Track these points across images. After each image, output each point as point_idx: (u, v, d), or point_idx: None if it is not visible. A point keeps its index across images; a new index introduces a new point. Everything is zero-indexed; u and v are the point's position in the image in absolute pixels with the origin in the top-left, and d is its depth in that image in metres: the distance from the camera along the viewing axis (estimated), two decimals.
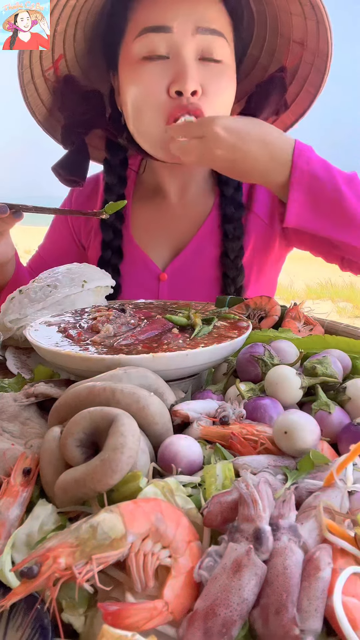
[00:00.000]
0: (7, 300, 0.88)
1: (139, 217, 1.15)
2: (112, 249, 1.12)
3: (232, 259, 1.08)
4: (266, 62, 1.07)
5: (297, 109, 1.09)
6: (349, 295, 6.14)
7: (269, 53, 1.05)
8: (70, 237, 1.22)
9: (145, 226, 1.14)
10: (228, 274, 1.09)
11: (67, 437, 0.45)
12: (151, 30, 0.91)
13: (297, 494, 0.43)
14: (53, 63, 1.01)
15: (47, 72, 1.01)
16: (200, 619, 0.34)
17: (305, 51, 0.99)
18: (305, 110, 1.09)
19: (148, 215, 1.15)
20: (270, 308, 0.81)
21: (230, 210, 1.09)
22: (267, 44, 1.04)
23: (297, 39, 0.98)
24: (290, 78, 1.04)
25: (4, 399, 0.58)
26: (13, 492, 0.45)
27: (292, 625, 0.33)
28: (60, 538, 0.37)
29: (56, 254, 1.21)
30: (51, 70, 1.02)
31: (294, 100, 1.07)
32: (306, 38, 0.97)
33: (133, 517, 0.37)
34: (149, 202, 1.15)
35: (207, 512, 0.41)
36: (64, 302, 0.85)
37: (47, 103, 1.06)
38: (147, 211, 1.15)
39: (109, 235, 1.12)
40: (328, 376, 0.59)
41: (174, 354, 0.57)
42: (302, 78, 1.03)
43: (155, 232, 1.14)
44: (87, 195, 1.20)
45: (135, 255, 1.13)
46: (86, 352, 0.58)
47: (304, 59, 1.00)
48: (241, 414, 0.54)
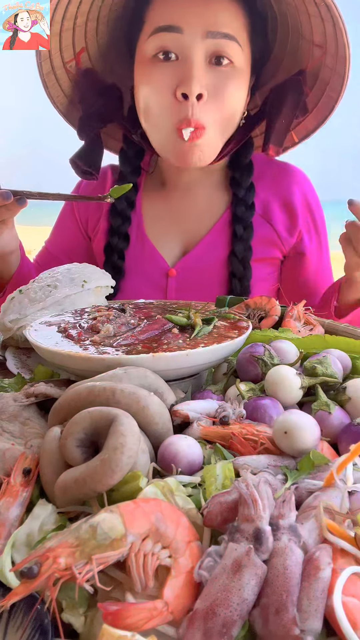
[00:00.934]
0: (7, 300, 0.88)
1: (150, 211, 1.15)
2: (119, 235, 1.12)
3: (240, 259, 1.09)
4: (289, 65, 1.06)
5: (319, 114, 1.09)
6: None
7: (292, 55, 1.05)
8: (77, 229, 1.22)
9: (157, 221, 1.15)
10: (235, 273, 1.09)
11: (67, 437, 0.45)
12: (163, 30, 0.92)
13: (297, 494, 0.43)
14: (75, 55, 1.03)
15: (69, 64, 1.03)
16: (200, 619, 0.34)
17: (325, 55, 0.98)
18: (327, 115, 1.08)
19: (159, 210, 1.15)
20: (270, 308, 0.81)
21: (240, 210, 1.10)
22: (289, 46, 1.04)
23: (318, 42, 0.97)
24: (311, 82, 1.03)
25: (4, 399, 0.58)
26: (13, 492, 0.45)
27: (292, 625, 0.33)
28: (60, 538, 0.37)
29: (64, 248, 1.21)
30: (73, 62, 1.04)
31: (316, 104, 1.06)
32: (325, 41, 0.96)
33: (133, 517, 0.37)
34: (159, 195, 1.16)
35: (207, 512, 0.41)
36: (64, 302, 0.85)
37: (67, 93, 1.09)
38: (157, 205, 1.15)
39: (118, 221, 1.12)
40: (328, 376, 0.59)
41: (174, 354, 0.57)
42: (324, 82, 1.03)
43: (167, 227, 1.14)
44: (94, 187, 1.20)
45: (145, 249, 1.13)
46: (86, 352, 0.58)
47: (325, 62, 0.99)
48: (241, 414, 0.54)
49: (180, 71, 0.91)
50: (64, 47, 1.01)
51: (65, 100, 1.10)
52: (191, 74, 0.90)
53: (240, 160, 1.11)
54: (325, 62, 0.99)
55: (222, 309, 0.79)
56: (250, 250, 1.10)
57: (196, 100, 0.91)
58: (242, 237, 1.09)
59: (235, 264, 1.09)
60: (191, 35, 0.90)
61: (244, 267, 1.09)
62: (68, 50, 1.02)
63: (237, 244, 1.09)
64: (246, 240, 1.09)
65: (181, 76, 0.91)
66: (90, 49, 1.05)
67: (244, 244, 1.09)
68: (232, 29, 0.92)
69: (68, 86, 1.08)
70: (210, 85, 0.92)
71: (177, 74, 0.92)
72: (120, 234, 1.12)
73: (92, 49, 1.05)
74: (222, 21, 0.91)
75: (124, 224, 1.12)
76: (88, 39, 1.03)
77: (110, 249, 1.13)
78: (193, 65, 0.90)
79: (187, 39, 0.90)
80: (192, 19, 0.90)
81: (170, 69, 0.92)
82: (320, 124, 1.10)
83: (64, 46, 1.01)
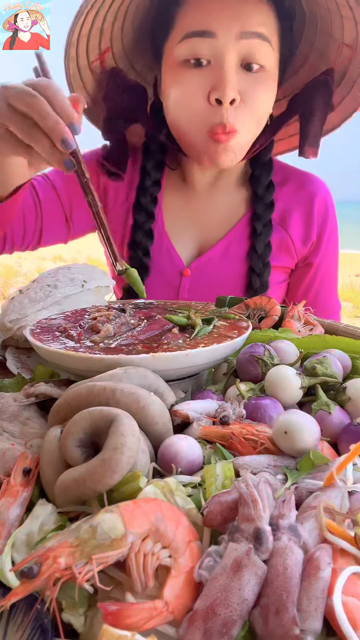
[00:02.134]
0: (7, 300, 0.88)
1: (169, 207, 1.14)
2: (143, 232, 1.11)
3: (260, 254, 1.09)
4: (315, 62, 1.06)
5: (343, 111, 1.08)
6: (349, 295, 6.14)
7: (319, 53, 1.04)
8: (57, 198, 1.13)
9: (176, 217, 1.14)
10: (255, 269, 1.09)
11: (67, 437, 0.45)
12: (195, 35, 0.90)
13: (297, 494, 0.43)
14: (99, 55, 1.01)
15: (94, 64, 1.02)
16: (200, 618, 0.34)
17: (355, 54, 0.97)
18: (351, 112, 1.07)
19: (178, 206, 1.14)
20: (270, 308, 0.81)
21: (261, 208, 1.10)
22: (317, 44, 1.03)
23: (349, 42, 0.96)
24: (338, 79, 1.03)
25: (4, 399, 0.58)
26: (13, 492, 0.45)
27: (292, 625, 0.33)
28: (60, 538, 0.37)
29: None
30: (97, 62, 1.02)
31: (340, 101, 1.06)
32: (357, 42, 0.95)
33: (133, 517, 0.37)
34: (179, 192, 1.15)
35: (207, 512, 0.41)
36: (64, 302, 0.85)
37: (91, 93, 1.07)
38: (177, 202, 1.15)
39: (142, 217, 1.11)
40: (328, 376, 0.59)
41: (174, 354, 0.57)
42: (351, 80, 1.02)
43: (185, 225, 1.14)
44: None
45: (162, 245, 1.12)
46: (86, 352, 0.58)
47: (355, 61, 0.98)
48: (241, 414, 0.54)
49: (213, 76, 0.91)
50: (90, 48, 0.99)
51: (89, 101, 1.09)
52: (225, 80, 0.89)
53: (260, 158, 1.11)
54: (354, 60, 0.98)
55: (222, 309, 0.79)
56: (270, 248, 1.10)
57: (229, 104, 0.91)
58: (262, 233, 1.09)
59: (255, 259, 1.09)
60: (225, 39, 0.89)
61: (263, 264, 1.09)
62: (94, 50, 1.01)
63: (257, 239, 1.09)
64: (265, 237, 1.09)
65: (214, 81, 0.90)
66: (114, 47, 1.03)
67: (263, 240, 1.09)
68: (265, 29, 0.91)
69: (92, 87, 1.07)
70: (242, 89, 0.92)
71: (210, 79, 0.91)
72: (144, 231, 1.11)
73: (116, 47, 1.04)
74: (256, 21, 0.90)
75: (148, 220, 1.11)
76: (113, 38, 1.01)
77: (135, 245, 1.11)
78: (227, 71, 0.89)
79: (221, 43, 0.89)
80: (226, 22, 0.88)
81: (202, 75, 0.91)
82: (343, 121, 1.09)
83: (91, 47, 0.99)
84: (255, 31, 0.90)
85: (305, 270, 1.16)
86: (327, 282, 1.18)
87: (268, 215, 1.09)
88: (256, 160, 1.11)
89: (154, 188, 1.12)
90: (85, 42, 0.98)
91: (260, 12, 0.91)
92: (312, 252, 1.14)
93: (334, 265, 1.20)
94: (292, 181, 1.14)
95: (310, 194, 1.13)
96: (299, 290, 1.16)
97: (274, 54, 0.94)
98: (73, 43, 0.95)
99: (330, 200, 1.15)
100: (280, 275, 1.15)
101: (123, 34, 1.02)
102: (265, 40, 0.91)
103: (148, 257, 1.11)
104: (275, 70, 0.96)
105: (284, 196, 1.12)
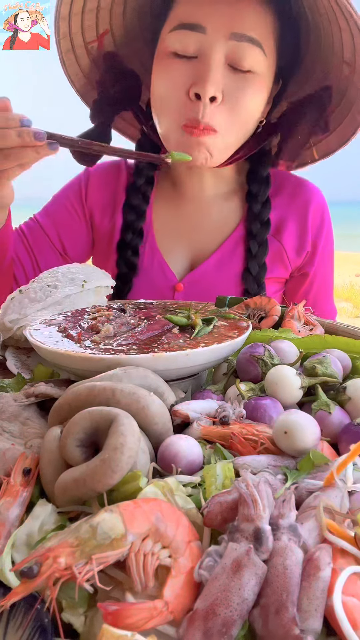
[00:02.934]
0: (7, 300, 0.88)
1: (160, 220, 1.13)
2: (133, 231, 1.10)
3: (254, 276, 1.07)
4: (320, 78, 1.02)
5: (342, 134, 1.05)
6: (349, 295, 6.15)
7: (322, 69, 1.01)
8: (82, 212, 1.16)
9: (167, 230, 1.12)
10: (249, 291, 1.07)
11: (67, 437, 0.45)
12: (185, 27, 0.89)
13: (297, 494, 0.43)
14: (97, 37, 1.01)
15: (91, 45, 1.02)
16: (200, 618, 0.34)
17: (354, 73, 0.94)
18: (350, 137, 1.04)
19: (170, 220, 1.13)
20: (270, 308, 0.81)
21: (256, 227, 1.08)
22: (321, 57, 1.00)
23: (347, 59, 0.93)
24: (338, 99, 1.00)
25: (4, 399, 0.58)
26: (13, 492, 0.45)
27: (292, 625, 0.33)
28: (60, 538, 0.37)
29: (59, 225, 1.15)
30: (95, 43, 1.02)
31: (340, 123, 1.03)
32: (354, 59, 0.92)
33: (133, 517, 0.37)
34: (170, 203, 1.13)
35: (207, 512, 0.41)
36: (64, 302, 0.85)
37: (86, 72, 1.07)
38: (168, 215, 1.13)
39: (132, 216, 1.10)
40: (328, 376, 0.59)
41: (174, 354, 0.57)
42: (350, 102, 0.99)
43: (177, 238, 1.12)
44: (104, 178, 1.17)
45: (154, 259, 1.11)
46: (86, 352, 0.58)
47: (353, 81, 0.96)
48: (241, 414, 0.54)
49: (197, 70, 0.89)
50: (86, 27, 0.98)
51: (83, 80, 1.08)
52: (207, 75, 0.87)
53: (258, 173, 1.09)
54: (353, 80, 0.96)
55: (222, 309, 0.79)
56: (265, 268, 1.08)
57: (209, 102, 0.89)
58: (257, 254, 1.07)
59: (249, 281, 1.07)
60: (214, 36, 0.87)
61: (258, 285, 1.07)
62: (90, 30, 0.99)
63: (251, 261, 1.07)
64: (260, 258, 1.07)
65: (197, 76, 0.89)
66: (116, 32, 1.03)
67: (258, 261, 1.07)
68: (258, 34, 0.89)
69: (87, 66, 1.05)
70: (226, 89, 0.90)
71: (194, 73, 0.89)
72: (134, 230, 1.10)
73: (118, 32, 1.03)
74: (248, 24, 0.88)
75: (138, 219, 1.10)
76: (114, 23, 1.01)
77: (124, 245, 1.10)
78: (211, 66, 0.88)
79: (210, 39, 0.88)
80: (217, 18, 0.87)
81: (187, 67, 0.90)
82: (342, 145, 1.06)
83: (86, 26, 0.98)
84: (246, 34, 0.88)
85: (301, 280, 1.14)
86: (323, 289, 1.17)
87: (264, 234, 1.07)
88: (254, 175, 1.09)
89: (146, 186, 1.11)
90: (78, 20, 0.97)
91: (255, 16, 0.89)
92: (307, 262, 1.12)
93: (330, 272, 1.18)
94: (286, 189, 1.12)
95: (304, 202, 1.11)
96: (295, 299, 1.15)
97: (265, 60, 0.92)
98: (64, 17, 0.95)
99: (326, 207, 1.13)
100: (274, 286, 1.14)
101: (126, 21, 1.01)
102: (256, 44, 0.89)
103: (136, 256, 1.10)
104: (268, 77, 0.94)
105: (278, 205, 1.10)
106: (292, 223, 1.10)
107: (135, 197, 1.11)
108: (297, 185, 1.13)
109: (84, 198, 1.16)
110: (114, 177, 1.16)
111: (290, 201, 1.11)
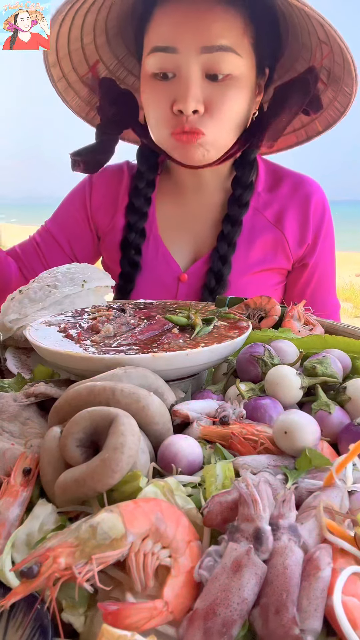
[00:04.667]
0: (7, 300, 0.88)
1: (163, 214, 1.16)
2: (135, 231, 1.13)
3: (221, 255, 1.09)
4: (306, 58, 1.05)
5: (340, 107, 1.08)
6: (349, 295, 6.15)
7: (306, 50, 1.04)
8: (86, 220, 1.21)
9: (170, 224, 1.16)
10: (213, 269, 1.10)
11: (67, 437, 0.45)
12: (159, 50, 0.93)
13: (297, 494, 0.43)
14: (90, 68, 1.07)
15: (84, 77, 1.09)
16: (200, 618, 0.34)
17: (332, 52, 0.97)
18: (346, 108, 1.07)
19: (172, 213, 1.16)
20: (270, 308, 0.81)
21: (233, 209, 1.10)
22: (301, 41, 1.03)
23: (323, 39, 0.96)
24: (325, 78, 1.03)
25: (4, 399, 0.58)
26: (13, 492, 0.45)
27: (292, 625, 0.33)
28: (60, 538, 0.37)
29: (68, 233, 1.21)
30: (89, 74, 1.08)
31: (335, 98, 1.06)
32: (328, 38, 0.94)
33: (133, 517, 0.37)
34: (172, 199, 1.17)
35: (207, 512, 0.41)
36: (64, 302, 0.85)
37: (87, 100, 1.14)
38: (170, 209, 1.16)
39: (134, 217, 1.13)
40: (328, 376, 0.59)
41: (174, 354, 0.57)
42: (337, 78, 1.02)
43: (179, 231, 1.15)
44: (109, 184, 1.20)
45: (158, 251, 1.14)
46: (86, 352, 0.58)
47: (334, 59, 0.99)
48: (241, 414, 0.54)
49: (177, 89, 0.93)
50: (76, 64, 1.05)
51: (87, 109, 1.15)
52: (187, 92, 0.91)
53: (244, 159, 1.11)
54: (333, 58, 0.99)
55: (222, 309, 0.79)
56: (234, 249, 1.10)
57: (192, 114, 0.93)
58: (229, 234, 1.09)
59: (215, 260, 1.09)
60: (186, 54, 0.91)
61: (223, 263, 1.09)
62: (82, 65, 1.06)
63: (221, 241, 1.09)
64: (231, 238, 1.09)
65: (177, 94, 0.93)
66: (106, 61, 1.09)
67: (227, 240, 1.09)
68: (228, 39, 0.91)
69: (87, 94, 1.13)
70: (207, 99, 0.93)
71: (174, 92, 0.94)
72: (137, 230, 1.14)
73: (107, 59, 1.09)
74: (216, 33, 0.91)
75: (141, 219, 1.14)
76: (102, 53, 1.07)
77: (127, 244, 1.14)
78: (189, 83, 0.92)
79: (183, 57, 0.91)
80: (186, 37, 0.90)
81: (167, 87, 0.95)
82: (341, 115, 1.09)
83: (76, 63, 1.05)
84: (216, 44, 0.91)
85: (301, 270, 1.15)
86: (324, 282, 1.18)
87: (239, 215, 1.10)
88: (240, 161, 1.11)
89: (148, 189, 1.14)
90: (68, 61, 1.04)
91: (223, 24, 0.91)
92: (308, 254, 1.14)
93: (331, 265, 1.19)
94: (287, 183, 1.14)
95: (306, 196, 1.13)
96: (295, 291, 1.16)
97: (243, 61, 0.94)
98: (53, 64, 1.02)
99: (326, 202, 1.15)
100: (276, 277, 1.15)
101: (112, 47, 1.07)
102: (228, 50, 0.92)
103: (139, 255, 1.13)
104: (249, 75, 0.97)
105: (280, 198, 1.12)
106: (294, 215, 1.12)
107: (137, 200, 1.14)
108: (298, 180, 1.15)
109: (89, 205, 1.21)
110: (116, 181, 1.20)
111: (292, 194, 1.13)
